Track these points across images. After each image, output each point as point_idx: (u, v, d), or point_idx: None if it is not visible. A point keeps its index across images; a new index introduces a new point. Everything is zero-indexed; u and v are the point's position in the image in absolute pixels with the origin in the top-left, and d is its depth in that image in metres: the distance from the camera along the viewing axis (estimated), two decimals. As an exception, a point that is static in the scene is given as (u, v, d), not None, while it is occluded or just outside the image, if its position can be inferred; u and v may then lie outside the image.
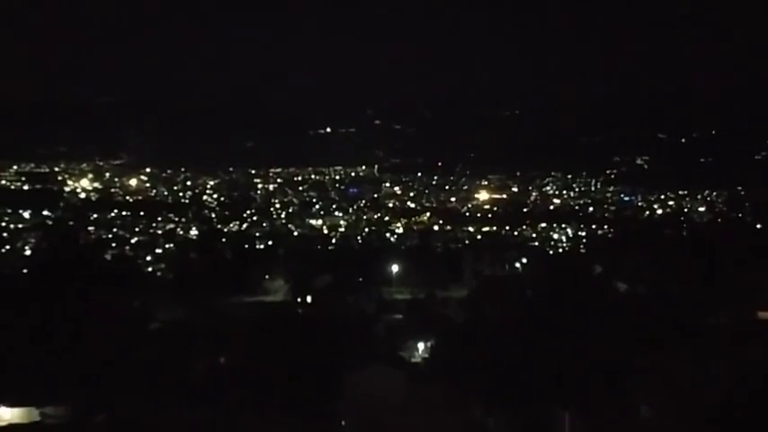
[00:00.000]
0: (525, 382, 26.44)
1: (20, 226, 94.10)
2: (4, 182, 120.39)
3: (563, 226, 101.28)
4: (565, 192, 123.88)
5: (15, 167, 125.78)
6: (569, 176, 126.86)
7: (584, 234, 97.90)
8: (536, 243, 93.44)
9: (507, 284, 48.94)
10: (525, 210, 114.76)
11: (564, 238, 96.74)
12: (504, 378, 27.06)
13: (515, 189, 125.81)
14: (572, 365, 26.20)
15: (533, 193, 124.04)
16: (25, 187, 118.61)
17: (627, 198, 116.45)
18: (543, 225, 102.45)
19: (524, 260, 67.18)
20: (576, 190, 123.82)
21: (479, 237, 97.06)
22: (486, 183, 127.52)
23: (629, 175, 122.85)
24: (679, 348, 26.48)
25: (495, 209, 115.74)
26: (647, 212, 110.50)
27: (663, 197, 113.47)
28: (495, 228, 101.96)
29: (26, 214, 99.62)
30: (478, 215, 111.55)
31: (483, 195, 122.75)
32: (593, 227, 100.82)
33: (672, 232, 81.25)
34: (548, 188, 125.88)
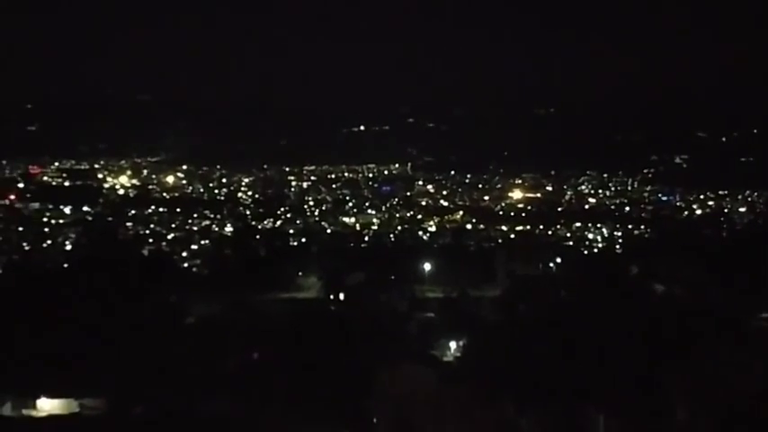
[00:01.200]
0: (559, 382, 26.17)
1: (61, 221, 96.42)
2: (46, 178, 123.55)
3: (598, 226, 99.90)
4: (600, 191, 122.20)
5: (57, 164, 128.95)
6: (605, 175, 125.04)
7: (619, 234, 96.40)
8: (570, 243, 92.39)
9: (541, 284, 48.47)
10: (559, 209, 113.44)
11: (599, 238, 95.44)
12: (537, 378, 26.81)
13: (550, 188, 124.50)
14: (607, 367, 25.85)
15: (568, 192, 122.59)
16: (66, 183, 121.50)
17: (665, 198, 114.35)
18: (578, 224, 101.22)
19: (558, 260, 66.48)
20: (612, 189, 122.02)
21: (513, 236, 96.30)
22: (519, 181, 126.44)
23: (667, 174, 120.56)
24: (718, 351, 25.94)
25: (528, 208, 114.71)
26: (686, 213, 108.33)
27: (702, 197, 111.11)
28: (528, 227, 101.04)
29: (67, 210, 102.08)
30: (512, 214, 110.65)
31: (516, 194, 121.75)
32: (630, 227, 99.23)
33: (711, 233, 79.57)
34: (583, 187, 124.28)
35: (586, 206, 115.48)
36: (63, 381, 28.46)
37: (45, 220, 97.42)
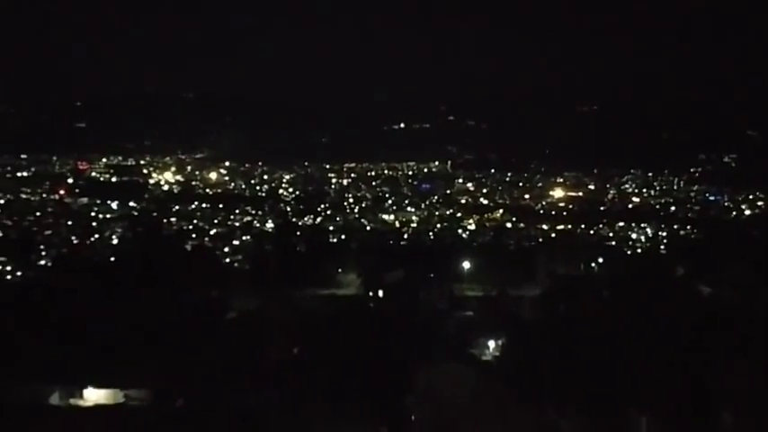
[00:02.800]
0: (600, 384, 25.76)
1: (108, 216, 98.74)
2: (94, 174, 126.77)
3: (642, 225, 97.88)
4: (645, 190, 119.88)
5: (104, 160, 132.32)
6: (650, 174, 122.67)
7: (665, 234, 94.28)
8: (613, 243, 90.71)
9: (582, 284, 47.76)
10: (602, 208, 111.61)
11: (643, 238, 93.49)
12: (578, 379, 26.43)
13: (592, 187, 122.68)
14: (651, 369, 25.35)
15: (611, 191, 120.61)
16: (113, 179, 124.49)
17: (712, 197, 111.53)
18: (621, 224, 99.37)
19: (600, 260, 65.34)
20: (658, 188, 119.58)
21: (553, 235, 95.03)
22: (561, 180, 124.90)
23: (715, 173, 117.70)
24: (765, 355, 25.22)
25: (570, 207, 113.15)
26: (734, 213, 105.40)
27: (751, 197, 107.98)
28: (570, 226, 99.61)
29: (114, 205, 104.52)
30: (553, 213, 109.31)
31: (558, 193, 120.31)
32: (675, 227, 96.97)
33: (760, 234, 77.26)
34: (627, 186, 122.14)
35: (630, 205, 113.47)
36: (109, 372, 29.15)
37: (93, 214, 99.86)
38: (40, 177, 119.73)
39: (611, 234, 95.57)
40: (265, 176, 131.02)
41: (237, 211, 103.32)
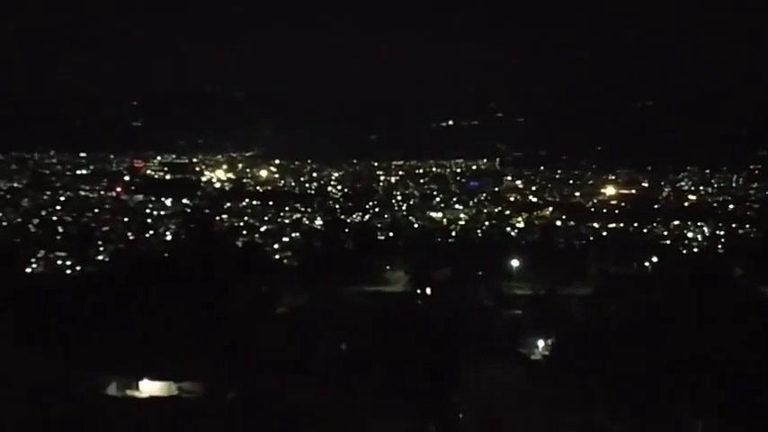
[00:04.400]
0: (654, 386, 25.17)
1: (162, 213, 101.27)
2: (149, 172, 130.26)
3: (699, 224, 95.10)
4: (702, 187, 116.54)
5: (159, 158, 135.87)
6: (707, 171, 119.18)
7: (722, 233, 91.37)
8: (668, 242, 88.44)
9: (635, 284, 46.70)
10: (656, 206, 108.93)
11: (699, 237, 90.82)
12: (631, 381, 25.87)
13: (646, 184, 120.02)
14: (707, 372, 24.64)
15: (666, 189, 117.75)
16: (167, 177, 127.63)
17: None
18: (676, 222, 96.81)
19: (654, 259, 63.77)
20: (715, 186, 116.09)
21: (605, 233, 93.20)
22: (613, 177, 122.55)
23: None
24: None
25: (622, 204, 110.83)
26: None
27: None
28: (622, 224, 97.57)
29: (168, 202, 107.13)
30: (604, 211, 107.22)
31: (610, 190, 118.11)
32: (733, 226, 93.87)
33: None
34: (682, 183, 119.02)
35: (686, 203, 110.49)
36: (163, 365, 29.92)
37: (147, 211, 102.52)
38: (98, 175, 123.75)
39: (665, 233, 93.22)
40: (314, 174, 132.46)
41: (287, 209, 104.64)
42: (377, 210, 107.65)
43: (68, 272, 64.11)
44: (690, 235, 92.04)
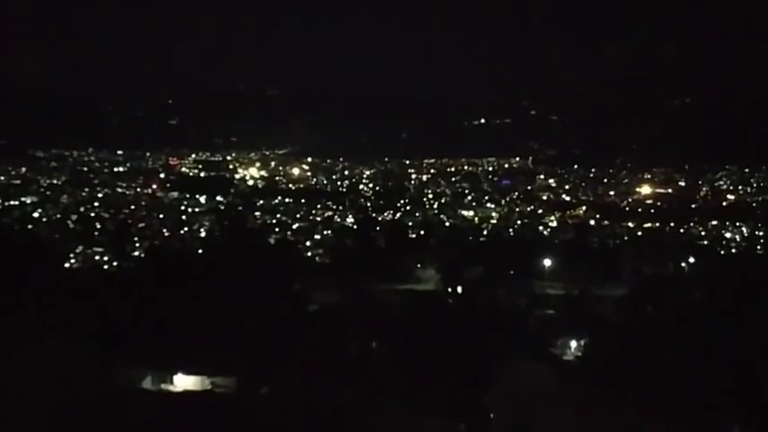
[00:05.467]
0: (689, 390, 24.71)
1: (196, 210, 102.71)
2: (184, 169, 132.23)
3: (737, 224, 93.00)
4: (741, 187, 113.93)
5: (194, 156, 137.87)
6: (746, 170, 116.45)
7: (762, 234, 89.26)
8: (705, 242, 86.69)
9: (671, 285, 45.87)
10: (693, 206, 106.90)
11: (738, 238, 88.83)
12: (666, 384, 25.44)
13: (683, 183, 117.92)
14: (745, 377, 24.10)
15: (703, 188, 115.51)
16: (202, 174, 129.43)
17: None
18: (714, 223, 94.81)
19: (691, 260, 62.58)
20: (755, 185, 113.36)
21: (640, 233, 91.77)
22: (649, 176, 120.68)
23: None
24: None
25: (658, 204, 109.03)
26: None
27: None
28: (658, 224, 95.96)
29: (202, 199, 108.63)
30: (640, 210, 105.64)
31: (645, 189, 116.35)
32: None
33: None
34: (721, 182, 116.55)
35: (724, 203, 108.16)
36: (197, 360, 30.37)
37: (182, 208, 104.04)
38: (135, 172, 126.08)
39: (703, 233, 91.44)
40: (346, 172, 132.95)
41: (319, 206, 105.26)
42: (408, 208, 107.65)
43: (105, 267, 65.40)
44: (728, 235, 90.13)
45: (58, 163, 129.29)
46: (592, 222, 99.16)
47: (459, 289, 49.62)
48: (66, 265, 61.53)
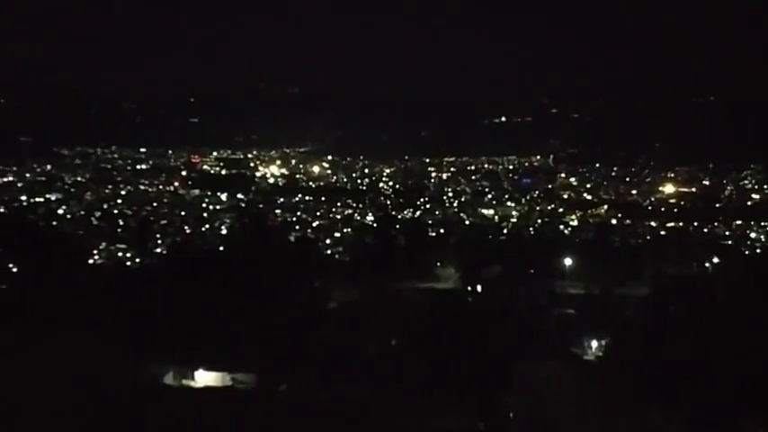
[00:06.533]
0: (714, 391, 24.40)
1: (218, 207, 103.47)
2: (205, 167, 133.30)
3: (762, 224, 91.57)
4: (766, 186, 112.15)
5: (215, 154, 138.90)
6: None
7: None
8: (729, 242, 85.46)
9: (694, 284, 45.27)
10: (718, 205, 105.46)
11: (763, 238, 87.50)
12: (689, 384, 25.15)
13: (707, 182, 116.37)
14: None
15: (728, 187, 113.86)
16: (223, 172, 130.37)
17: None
18: (739, 222, 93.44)
19: (715, 260, 61.73)
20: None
21: (663, 232, 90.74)
22: (672, 175, 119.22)
23: None
24: None
25: (682, 203, 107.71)
26: None
27: None
28: (681, 223, 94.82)
29: (223, 197, 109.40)
30: (663, 209, 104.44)
31: (668, 188, 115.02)
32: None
33: None
34: (746, 181, 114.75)
35: (749, 202, 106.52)
36: (218, 356, 30.61)
37: (204, 205, 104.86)
38: (157, 170, 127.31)
39: (727, 233, 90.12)
40: (366, 170, 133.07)
41: (339, 204, 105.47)
42: (428, 206, 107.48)
43: (128, 263, 66.14)
44: (753, 235, 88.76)
45: (82, 160, 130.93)
46: (613, 221, 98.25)
47: (479, 288, 49.46)
48: (90, 261, 62.38)
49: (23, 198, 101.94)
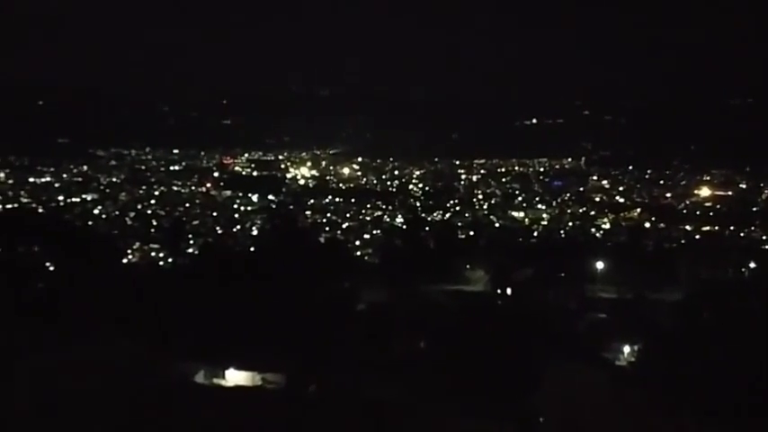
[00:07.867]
0: (748, 400, 23.88)
1: (249, 208, 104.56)
2: (237, 168, 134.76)
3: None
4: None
5: (246, 155, 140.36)
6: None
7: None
8: (766, 247, 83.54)
9: (731, 290, 44.34)
10: (755, 209, 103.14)
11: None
12: (724, 393, 24.65)
13: (743, 185, 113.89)
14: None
15: (766, 191, 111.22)
16: (254, 173, 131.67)
17: None
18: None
19: (752, 265, 60.38)
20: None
21: (698, 237, 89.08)
22: (708, 178, 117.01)
23: None
24: None
25: (718, 207, 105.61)
26: None
27: None
28: (717, 227, 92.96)
29: (254, 198, 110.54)
30: (698, 213, 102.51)
31: (704, 191, 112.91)
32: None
33: None
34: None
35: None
36: (249, 355, 30.91)
37: (235, 206, 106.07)
38: (190, 171, 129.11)
39: (764, 237, 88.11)
40: (396, 172, 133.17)
41: (369, 206, 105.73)
42: (458, 208, 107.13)
43: (161, 263, 67.17)
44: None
45: (117, 161, 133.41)
46: (647, 225, 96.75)
47: (509, 290, 49.14)
48: (125, 260, 63.51)
49: (60, 198, 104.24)
